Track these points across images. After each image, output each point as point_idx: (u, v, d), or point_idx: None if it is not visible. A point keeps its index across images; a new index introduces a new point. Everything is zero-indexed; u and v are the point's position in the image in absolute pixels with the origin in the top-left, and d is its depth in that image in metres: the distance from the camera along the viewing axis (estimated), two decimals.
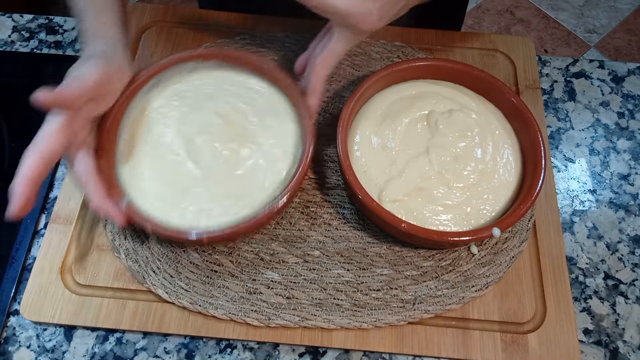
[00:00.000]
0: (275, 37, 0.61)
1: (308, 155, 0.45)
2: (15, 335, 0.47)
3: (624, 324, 0.49)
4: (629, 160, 0.57)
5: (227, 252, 0.49)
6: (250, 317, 0.46)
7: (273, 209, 0.43)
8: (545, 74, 0.62)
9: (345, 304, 0.47)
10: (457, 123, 0.50)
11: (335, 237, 0.50)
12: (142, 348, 0.46)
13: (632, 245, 0.52)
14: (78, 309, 0.46)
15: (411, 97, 0.52)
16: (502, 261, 0.49)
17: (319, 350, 0.47)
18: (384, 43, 0.60)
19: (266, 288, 0.47)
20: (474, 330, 0.47)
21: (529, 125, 0.49)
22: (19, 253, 0.49)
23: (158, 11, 0.62)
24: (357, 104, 0.50)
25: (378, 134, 0.50)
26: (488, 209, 0.47)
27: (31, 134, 0.39)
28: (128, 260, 0.48)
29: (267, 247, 0.49)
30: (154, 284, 0.47)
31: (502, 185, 0.48)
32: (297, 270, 0.48)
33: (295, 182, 0.44)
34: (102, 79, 0.42)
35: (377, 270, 0.48)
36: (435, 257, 0.49)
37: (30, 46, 0.61)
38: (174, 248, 0.49)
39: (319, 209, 0.51)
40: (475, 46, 0.61)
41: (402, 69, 0.52)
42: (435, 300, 0.47)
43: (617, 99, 0.61)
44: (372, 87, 0.51)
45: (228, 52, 0.51)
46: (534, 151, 0.48)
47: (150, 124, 0.49)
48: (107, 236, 0.49)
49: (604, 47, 1.62)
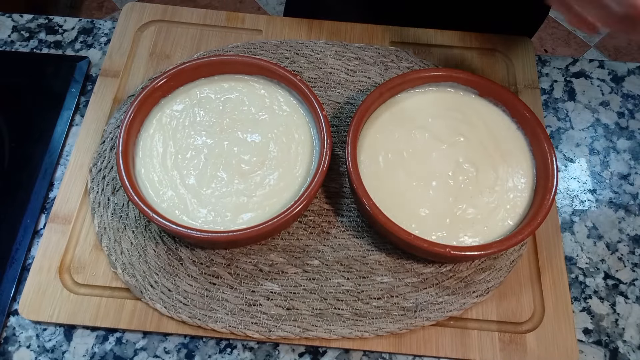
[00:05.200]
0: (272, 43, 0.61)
1: (325, 164, 0.46)
2: (15, 335, 0.47)
3: (624, 323, 0.49)
4: (629, 160, 0.57)
5: (225, 264, 0.48)
6: (250, 329, 0.46)
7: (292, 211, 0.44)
8: (545, 74, 0.62)
9: (346, 314, 0.47)
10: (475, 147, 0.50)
11: (334, 246, 0.50)
12: (142, 348, 0.46)
13: (632, 245, 0.52)
14: (76, 309, 0.46)
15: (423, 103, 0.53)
16: (502, 266, 0.49)
17: (318, 350, 0.47)
18: (377, 47, 0.60)
19: (266, 299, 0.47)
20: (472, 330, 0.47)
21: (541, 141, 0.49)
22: (19, 253, 0.49)
23: (157, 10, 0.62)
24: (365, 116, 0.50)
25: (385, 147, 0.50)
26: (500, 224, 0.47)
27: (31, 134, 0.39)
28: (125, 275, 0.47)
29: (266, 257, 0.49)
30: (152, 299, 0.46)
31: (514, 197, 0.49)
32: (296, 281, 0.48)
33: (312, 189, 0.45)
34: None
35: (377, 278, 0.48)
36: (435, 264, 0.49)
37: (30, 46, 0.61)
38: (172, 261, 0.48)
39: (317, 217, 0.51)
40: (474, 46, 0.61)
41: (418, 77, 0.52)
42: (436, 307, 0.47)
43: (617, 98, 0.61)
44: (383, 96, 0.51)
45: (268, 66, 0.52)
46: (545, 163, 0.48)
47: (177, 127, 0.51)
48: (104, 251, 0.49)
49: (604, 46, 1.62)
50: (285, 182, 0.48)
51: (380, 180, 0.48)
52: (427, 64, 0.59)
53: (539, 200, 0.46)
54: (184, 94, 0.52)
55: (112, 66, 0.58)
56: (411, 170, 0.49)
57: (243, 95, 0.52)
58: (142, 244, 0.49)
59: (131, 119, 0.48)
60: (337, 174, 0.53)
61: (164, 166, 0.49)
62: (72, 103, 0.57)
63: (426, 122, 0.52)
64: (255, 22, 0.62)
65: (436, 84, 0.53)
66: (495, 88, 0.52)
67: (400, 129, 0.51)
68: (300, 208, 0.44)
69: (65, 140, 0.55)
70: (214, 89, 0.52)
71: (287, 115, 0.51)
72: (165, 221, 0.43)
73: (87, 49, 0.61)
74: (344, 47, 0.60)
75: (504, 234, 0.47)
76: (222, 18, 0.62)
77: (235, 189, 0.48)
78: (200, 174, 0.48)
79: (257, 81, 0.53)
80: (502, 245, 0.44)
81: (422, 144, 0.50)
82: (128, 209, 0.50)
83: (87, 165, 0.53)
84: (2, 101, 0.58)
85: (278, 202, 0.47)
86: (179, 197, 0.47)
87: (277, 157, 0.49)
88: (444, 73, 0.52)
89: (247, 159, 0.49)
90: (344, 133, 0.55)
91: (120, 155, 0.46)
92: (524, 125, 0.51)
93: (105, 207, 0.50)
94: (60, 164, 0.54)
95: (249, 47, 0.60)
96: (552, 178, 0.47)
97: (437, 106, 0.52)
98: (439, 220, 0.47)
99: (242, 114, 0.51)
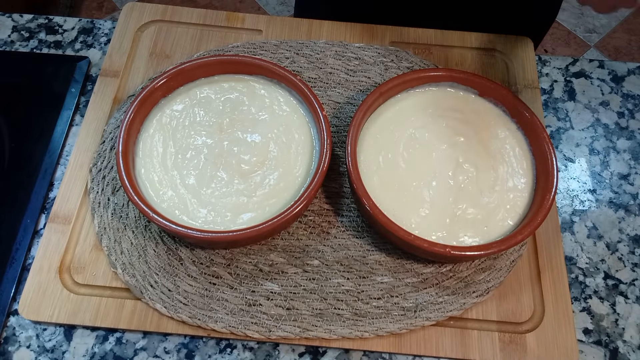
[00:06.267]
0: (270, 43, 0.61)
1: (325, 164, 0.46)
2: (15, 335, 0.47)
3: (624, 323, 0.49)
4: (629, 160, 0.57)
5: (225, 264, 0.48)
6: (250, 329, 0.46)
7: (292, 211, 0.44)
8: (545, 74, 0.62)
9: (346, 314, 0.47)
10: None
11: (334, 246, 0.50)
12: (142, 348, 0.46)
13: (632, 245, 0.52)
14: (76, 308, 0.46)
15: (422, 103, 0.53)
16: (502, 266, 0.49)
17: (318, 350, 0.47)
18: (377, 47, 0.60)
19: (266, 299, 0.47)
20: (472, 330, 0.47)
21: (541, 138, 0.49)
22: (19, 253, 0.49)
23: (157, 10, 0.62)
24: (367, 113, 0.50)
25: (385, 148, 0.50)
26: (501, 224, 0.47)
27: (31, 134, 0.39)
28: (125, 275, 0.47)
29: (266, 257, 0.49)
30: (152, 299, 0.46)
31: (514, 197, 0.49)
32: (296, 281, 0.48)
33: (312, 189, 0.45)
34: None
35: (377, 278, 0.48)
36: (435, 264, 0.49)
37: (30, 46, 0.61)
38: (172, 261, 0.48)
39: (317, 217, 0.51)
40: (473, 46, 0.61)
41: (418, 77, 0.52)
42: (436, 307, 0.47)
43: (617, 98, 0.61)
44: (383, 96, 0.51)
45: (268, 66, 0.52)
46: (545, 162, 0.48)
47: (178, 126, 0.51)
48: (104, 251, 0.49)
49: (604, 46, 1.62)
50: (285, 182, 0.48)
51: (380, 180, 0.48)
52: (427, 64, 0.59)
53: (539, 200, 0.46)
54: (184, 94, 0.52)
55: (112, 66, 0.58)
56: (411, 170, 0.49)
57: (243, 95, 0.52)
58: (142, 244, 0.49)
59: (131, 119, 0.48)
60: (337, 174, 0.53)
61: (164, 166, 0.49)
62: (72, 103, 0.57)
63: (426, 122, 0.52)
64: (255, 22, 0.62)
65: (436, 84, 0.53)
66: (495, 88, 0.51)
67: (401, 129, 0.51)
68: (300, 208, 0.44)
69: (65, 140, 0.55)
70: (214, 89, 0.52)
71: (287, 115, 0.51)
72: (165, 221, 0.43)
73: (87, 49, 0.61)
74: (344, 47, 0.60)
75: (504, 234, 0.47)
76: (222, 18, 0.62)
77: (235, 189, 0.48)
78: (200, 174, 0.48)
79: (257, 81, 0.53)
80: (502, 245, 0.44)
81: (422, 144, 0.50)
82: (128, 209, 0.50)
83: (87, 165, 0.53)
84: (2, 101, 0.58)
85: (278, 202, 0.47)
86: (179, 197, 0.47)
87: (277, 157, 0.49)
88: (444, 73, 0.52)
89: (247, 159, 0.49)
90: (344, 133, 0.55)
91: (120, 155, 0.46)
92: (524, 125, 0.51)
93: (105, 207, 0.50)
94: (60, 164, 0.54)
95: (249, 47, 0.60)
96: (552, 178, 0.47)
97: (437, 106, 0.52)
98: (439, 220, 0.47)
99: (242, 114, 0.51)
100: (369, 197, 0.45)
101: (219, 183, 0.48)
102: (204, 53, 0.59)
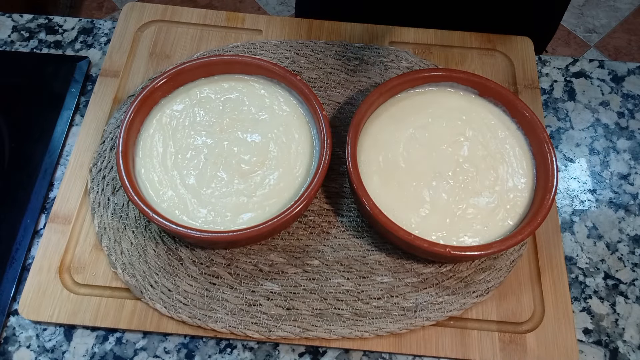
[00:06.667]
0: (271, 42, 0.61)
1: (325, 164, 0.46)
2: (15, 335, 0.47)
3: (624, 323, 0.49)
4: (629, 160, 0.57)
5: (225, 264, 0.48)
6: (250, 329, 0.46)
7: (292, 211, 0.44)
8: (545, 74, 0.62)
9: (346, 314, 0.47)
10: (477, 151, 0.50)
11: (334, 246, 0.50)
12: (142, 348, 0.46)
13: (632, 245, 0.52)
14: (76, 308, 0.46)
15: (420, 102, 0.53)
16: (502, 266, 0.49)
17: (318, 350, 0.47)
18: (377, 47, 0.60)
19: (266, 299, 0.47)
20: (472, 330, 0.47)
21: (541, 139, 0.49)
22: (19, 253, 0.49)
23: (157, 10, 0.62)
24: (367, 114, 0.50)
25: (384, 147, 0.50)
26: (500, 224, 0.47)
27: (31, 134, 0.39)
28: (125, 275, 0.47)
29: (266, 257, 0.49)
30: (152, 299, 0.46)
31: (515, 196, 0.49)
32: (296, 281, 0.48)
33: (312, 189, 0.45)
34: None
35: (377, 278, 0.48)
36: (435, 264, 0.49)
37: (30, 46, 0.61)
38: (172, 261, 0.48)
39: (317, 217, 0.51)
40: (474, 46, 0.61)
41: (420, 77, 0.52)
42: (436, 307, 0.47)
43: (617, 98, 0.61)
44: (383, 96, 0.51)
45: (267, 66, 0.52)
46: (544, 160, 0.48)
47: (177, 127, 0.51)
48: (104, 251, 0.49)
49: (604, 46, 1.62)
50: (285, 182, 0.48)
51: (380, 180, 0.48)
52: (427, 64, 0.59)
53: (539, 200, 0.46)
54: (184, 94, 0.52)
55: (112, 66, 0.58)
56: (411, 170, 0.49)
57: (243, 95, 0.52)
58: (142, 244, 0.49)
59: (131, 119, 0.48)
60: (337, 174, 0.53)
61: (164, 166, 0.49)
62: (72, 103, 0.57)
63: (426, 122, 0.52)
64: (255, 22, 0.62)
65: (436, 84, 0.53)
66: (495, 88, 0.52)
67: (401, 129, 0.51)
68: (300, 208, 0.44)
69: (65, 140, 0.55)
70: (214, 89, 0.52)
71: (287, 115, 0.51)
72: (165, 221, 0.43)
73: (87, 49, 0.61)
74: (344, 47, 0.60)
75: (504, 234, 0.47)
76: (222, 18, 0.62)
77: (235, 189, 0.48)
78: (200, 174, 0.48)
79: (257, 81, 0.53)
80: (502, 245, 0.44)
81: (422, 143, 0.50)
82: (128, 209, 0.50)
83: (87, 165, 0.53)
84: (2, 101, 0.58)
85: (278, 202, 0.47)
86: (179, 197, 0.47)
87: (277, 157, 0.49)
88: (444, 73, 0.52)
89: (247, 159, 0.49)
90: (344, 133, 0.55)
91: (120, 155, 0.46)
92: (524, 125, 0.51)
93: (105, 207, 0.50)
94: (60, 164, 0.54)
95: (249, 47, 0.60)
96: (552, 178, 0.47)
97: (437, 106, 0.52)
98: (439, 220, 0.47)
99: (242, 114, 0.51)
100: (369, 197, 0.45)
101: (219, 183, 0.48)
102: (204, 53, 0.60)
